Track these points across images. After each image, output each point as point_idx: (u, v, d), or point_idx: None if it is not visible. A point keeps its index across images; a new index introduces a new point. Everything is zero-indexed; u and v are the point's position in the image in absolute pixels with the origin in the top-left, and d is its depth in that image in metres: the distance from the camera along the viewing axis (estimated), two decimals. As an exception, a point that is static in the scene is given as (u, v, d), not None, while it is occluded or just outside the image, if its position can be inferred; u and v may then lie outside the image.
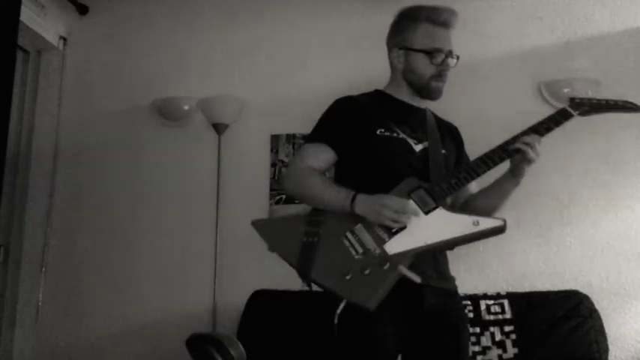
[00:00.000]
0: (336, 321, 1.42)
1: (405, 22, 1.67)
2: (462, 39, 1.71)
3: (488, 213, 1.56)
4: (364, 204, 1.47)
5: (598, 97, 1.62)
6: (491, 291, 2.53)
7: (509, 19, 2.87)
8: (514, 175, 1.55)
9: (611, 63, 2.72)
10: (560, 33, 2.81)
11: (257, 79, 2.99)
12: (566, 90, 2.61)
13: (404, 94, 1.69)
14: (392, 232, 1.46)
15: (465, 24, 2.77)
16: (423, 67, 1.62)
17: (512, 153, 1.50)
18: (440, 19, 1.62)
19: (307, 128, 1.70)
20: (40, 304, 2.87)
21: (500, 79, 2.80)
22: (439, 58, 1.61)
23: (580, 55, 2.76)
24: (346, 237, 1.48)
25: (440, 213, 1.47)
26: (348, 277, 1.41)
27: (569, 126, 1.59)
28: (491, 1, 2.90)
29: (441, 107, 1.81)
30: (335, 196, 1.52)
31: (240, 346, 1.86)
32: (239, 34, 3.05)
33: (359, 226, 1.48)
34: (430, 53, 1.61)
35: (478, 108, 2.71)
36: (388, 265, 1.41)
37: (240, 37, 3.05)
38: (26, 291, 2.90)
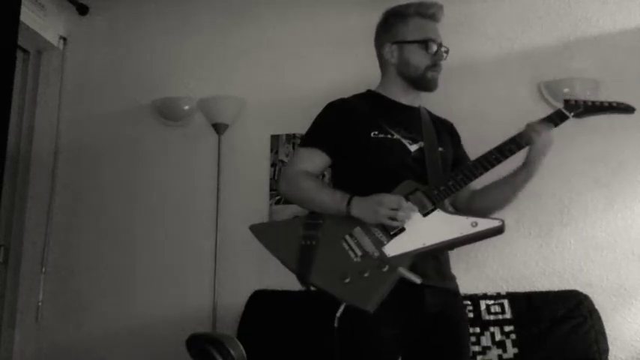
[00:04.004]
0: (336, 324, 1.41)
1: (395, 18, 1.70)
2: (462, 39, 1.71)
3: (499, 205, 1.60)
4: (360, 206, 1.47)
5: (592, 99, 1.62)
6: (491, 291, 2.53)
7: (509, 19, 2.86)
8: (528, 167, 1.57)
9: (611, 63, 2.71)
10: (560, 33, 2.81)
11: (257, 79, 2.98)
12: (566, 90, 2.60)
13: (397, 93, 1.70)
14: (390, 235, 1.46)
15: (464, 24, 2.81)
16: (419, 57, 1.65)
17: (508, 154, 1.52)
18: (428, 12, 1.67)
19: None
20: (40, 304, 2.87)
21: (500, 79, 2.79)
22: (433, 48, 1.64)
23: (580, 55, 2.75)
24: (345, 240, 1.48)
25: (438, 215, 1.48)
26: (347, 281, 1.40)
27: (568, 126, 1.60)
28: (492, 1, 2.90)
29: (441, 107, 1.81)
30: (330, 199, 1.52)
31: (240, 346, 1.85)
32: (239, 34, 3.05)
33: (357, 228, 1.48)
34: (425, 43, 1.64)
35: (478, 108, 2.70)
36: (387, 267, 1.41)
37: (240, 37, 3.04)
38: (26, 291, 2.89)
